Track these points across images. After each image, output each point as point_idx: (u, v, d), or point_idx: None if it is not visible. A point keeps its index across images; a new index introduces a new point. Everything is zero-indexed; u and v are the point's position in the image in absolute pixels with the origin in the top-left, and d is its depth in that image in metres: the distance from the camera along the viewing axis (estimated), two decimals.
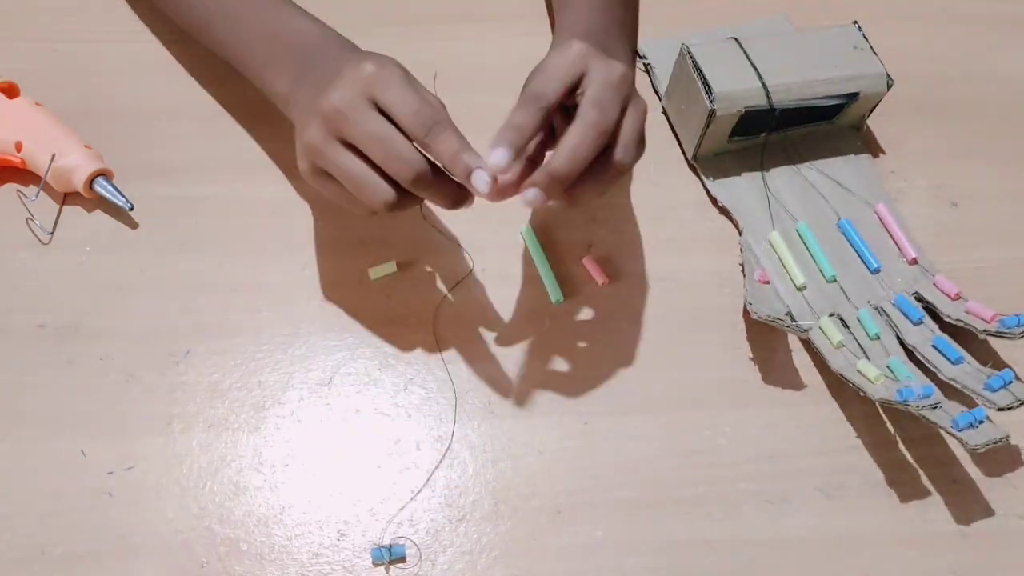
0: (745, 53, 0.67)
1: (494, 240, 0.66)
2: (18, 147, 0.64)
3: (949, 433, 0.55)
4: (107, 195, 0.64)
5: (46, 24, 0.74)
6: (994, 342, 0.64)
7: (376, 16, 0.76)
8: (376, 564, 0.55)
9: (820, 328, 0.62)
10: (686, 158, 0.71)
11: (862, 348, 0.62)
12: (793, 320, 0.63)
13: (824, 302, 0.65)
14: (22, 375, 0.59)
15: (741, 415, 0.61)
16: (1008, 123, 0.76)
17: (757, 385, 0.62)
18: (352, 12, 0.69)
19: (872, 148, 0.73)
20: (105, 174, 0.65)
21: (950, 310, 0.63)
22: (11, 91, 0.67)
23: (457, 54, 0.74)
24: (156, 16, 0.74)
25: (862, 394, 0.58)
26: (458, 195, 0.52)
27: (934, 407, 0.57)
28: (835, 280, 0.66)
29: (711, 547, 0.57)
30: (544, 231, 0.67)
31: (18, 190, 0.65)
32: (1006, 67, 0.80)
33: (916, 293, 0.65)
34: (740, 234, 0.67)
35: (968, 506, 0.59)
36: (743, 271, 0.65)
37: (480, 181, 0.49)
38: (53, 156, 0.63)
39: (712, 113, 0.66)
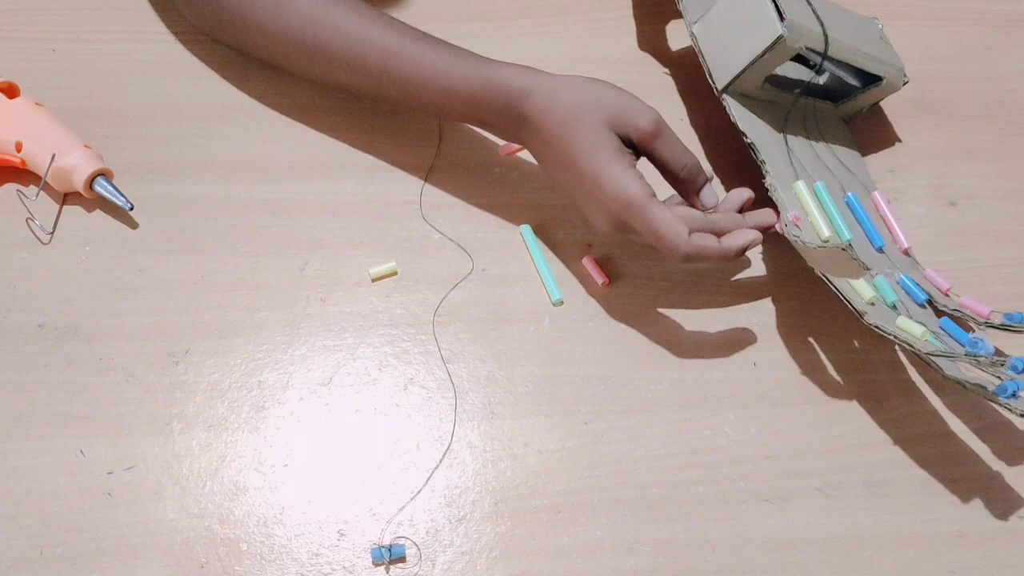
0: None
1: (494, 240, 0.66)
2: (18, 147, 0.64)
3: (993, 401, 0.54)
4: (107, 195, 0.64)
5: (46, 24, 0.74)
6: (995, 340, 0.64)
7: None
8: (376, 564, 0.55)
9: (852, 285, 0.61)
10: (715, 87, 0.67)
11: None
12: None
13: None
14: (21, 375, 0.59)
15: (741, 415, 0.61)
16: (1008, 123, 0.76)
17: (757, 385, 0.62)
18: None
19: (871, 147, 0.73)
20: (105, 174, 0.65)
21: (945, 301, 0.63)
22: (11, 91, 0.67)
23: None
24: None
25: (908, 347, 0.56)
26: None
27: (1000, 363, 0.55)
28: (851, 245, 0.64)
29: (711, 547, 0.57)
30: (544, 231, 0.67)
31: (18, 190, 0.65)
32: (1006, 67, 0.80)
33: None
34: (765, 176, 0.64)
35: (968, 506, 0.59)
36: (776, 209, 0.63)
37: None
38: (53, 156, 0.63)
39: (780, 39, 0.63)
